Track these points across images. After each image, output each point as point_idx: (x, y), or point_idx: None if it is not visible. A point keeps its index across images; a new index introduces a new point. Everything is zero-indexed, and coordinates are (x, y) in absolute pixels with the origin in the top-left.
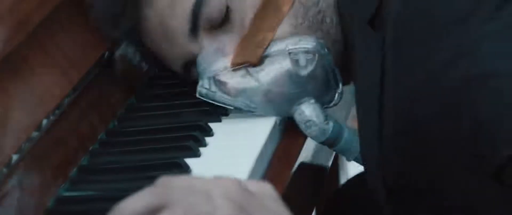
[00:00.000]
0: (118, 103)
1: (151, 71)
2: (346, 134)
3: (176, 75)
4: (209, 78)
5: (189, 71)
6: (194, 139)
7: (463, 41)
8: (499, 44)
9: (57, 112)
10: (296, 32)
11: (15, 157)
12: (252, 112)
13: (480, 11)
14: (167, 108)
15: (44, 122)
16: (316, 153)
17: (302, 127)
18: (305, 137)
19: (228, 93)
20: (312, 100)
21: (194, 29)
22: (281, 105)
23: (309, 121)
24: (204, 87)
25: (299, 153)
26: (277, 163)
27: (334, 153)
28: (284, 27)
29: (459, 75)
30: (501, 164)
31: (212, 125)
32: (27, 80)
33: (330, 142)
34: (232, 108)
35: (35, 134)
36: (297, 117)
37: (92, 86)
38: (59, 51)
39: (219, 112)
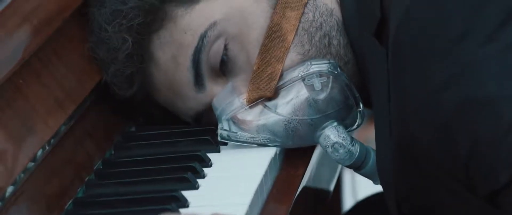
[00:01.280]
0: (115, 131)
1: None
2: (373, 156)
3: None
4: (227, 120)
5: (200, 122)
6: (192, 170)
7: (460, 62)
8: (498, 66)
9: (52, 141)
10: (305, 59)
11: (10, 189)
12: (277, 146)
13: (477, 31)
14: (165, 136)
15: (39, 152)
16: (317, 175)
17: (329, 151)
18: (305, 167)
19: (249, 131)
20: (335, 123)
21: (198, 79)
22: (305, 133)
23: (335, 143)
24: (224, 129)
25: (299, 184)
26: (277, 194)
27: (336, 175)
28: (291, 57)
29: (456, 97)
30: (496, 188)
31: (211, 155)
32: (21, 110)
33: (357, 164)
34: (255, 145)
35: (30, 165)
36: (323, 142)
37: (88, 113)
38: (54, 80)
39: (218, 142)
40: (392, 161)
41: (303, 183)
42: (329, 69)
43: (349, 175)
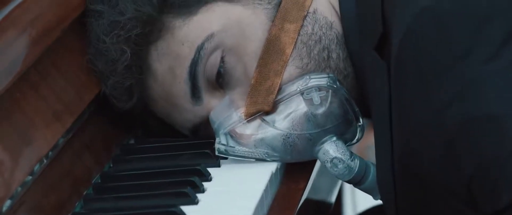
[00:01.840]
0: (114, 144)
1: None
2: (372, 171)
3: None
4: (225, 134)
5: (197, 134)
6: (192, 184)
7: (463, 80)
8: (502, 83)
9: (50, 153)
10: (303, 73)
11: (7, 203)
12: (275, 160)
13: (480, 49)
14: (164, 150)
15: (37, 166)
16: (317, 187)
17: (328, 166)
18: (306, 182)
19: (247, 145)
20: (334, 138)
21: (195, 91)
22: (303, 148)
23: (334, 158)
24: (221, 144)
25: (301, 198)
26: (278, 209)
27: (337, 187)
28: (290, 70)
29: (460, 115)
30: (500, 208)
31: (211, 170)
32: (19, 124)
33: (356, 180)
34: (253, 160)
35: (27, 178)
36: (322, 157)
37: (86, 126)
38: (52, 93)
39: (218, 156)
40: (393, 177)
41: (304, 197)
42: (328, 83)
43: (349, 187)
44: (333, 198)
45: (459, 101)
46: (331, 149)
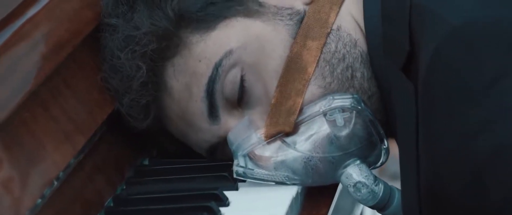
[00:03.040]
0: (127, 165)
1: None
2: (397, 197)
3: None
4: (244, 156)
5: (214, 155)
6: (209, 210)
7: (494, 107)
8: None
9: (61, 175)
10: (326, 93)
11: None
12: (296, 184)
13: (510, 75)
14: (180, 172)
15: (47, 191)
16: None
17: (351, 190)
18: (328, 207)
19: (266, 168)
20: (358, 161)
21: (212, 110)
22: (325, 171)
23: (357, 183)
24: (240, 166)
25: None
26: None
27: (359, 210)
28: (312, 90)
29: (490, 143)
30: None
31: (228, 193)
32: (28, 145)
33: (380, 205)
34: (273, 183)
35: (37, 202)
36: (344, 181)
37: (98, 146)
38: (63, 113)
39: (236, 179)
40: (419, 204)
41: None
42: (352, 104)
43: (371, 212)
44: None
45: (489, 129)
46: (355, 173)
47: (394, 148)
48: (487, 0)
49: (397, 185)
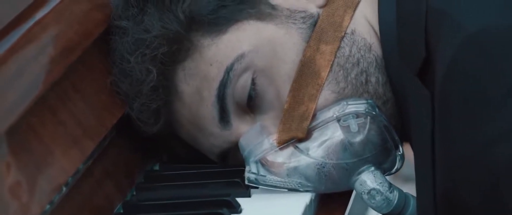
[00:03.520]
0: (137, 170)
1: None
2: (412, 204)
3: None
4: (256, 162)
5: (226, 160)
6: None
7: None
8: None
9: (70, 180)
10: (340, 98)
11: None
12: (309, 191)
13: None
14: (191, 177)
15: (55, 197)
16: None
17: (365, 198)
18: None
19: (279, 175)
20: (372, 168)
21: (223, 115)
22: (339, 178)
23: (372, 190)
24: (251, 172)
25: None
26: None
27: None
28: (325, 95)
29: (507, 153)
30: None
31: (241, 200)
32: (36, 151)
33: (395, 212)
34: (285, 190)
35: (46, 208)
36: (358, 188)
37: (107, 151)
38: (71, 117)
39: (249, 185)
40: (435, 213)
41: None
42: (366, 110)
43: None
44: None
45: (508, 138)
46: (369, 179)
47: (407, 151)
48: (505, 6)
49: (410, 187)
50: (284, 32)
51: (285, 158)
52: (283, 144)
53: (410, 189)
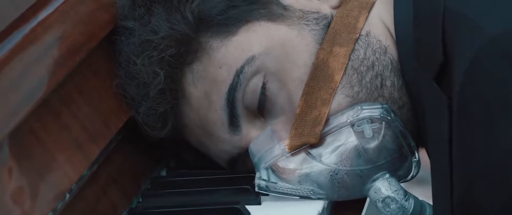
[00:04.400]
0: (143, 176)
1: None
2: (428, 212)
3: None
4: (266, 168)
5: (235, 166)
6: None
7: None
8: None
9: (74, 187)
10: (354, 103)
11: None
12: (321, 198)
13: None
14: (199, 184)
15: (59, 204)
16: None
17: (379, 206)
18: None
19: (290, 181)
20: (387, 175)
21: (233, 119)
22: (353, 186)
23: (386, 198)
24: (262, 179)
25: None
26: None
27: None
28: (339, 99)
29: None
30: None
31: (250, 208)
32: (38, 156)
33: None
34: (297, 198)
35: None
36: (373, 196)
37: (112, 157)
38: (75, 121)
39: (259, 192)
40: None
41: None
42: (382, 115)
43: None
44: None
45: None
46: (384, 187)
47: (422, 154)
48: None
49: (424, 190)
50: (297, 33)
51: (297, 164)
52: (294, 149)
53: (424, 192)
